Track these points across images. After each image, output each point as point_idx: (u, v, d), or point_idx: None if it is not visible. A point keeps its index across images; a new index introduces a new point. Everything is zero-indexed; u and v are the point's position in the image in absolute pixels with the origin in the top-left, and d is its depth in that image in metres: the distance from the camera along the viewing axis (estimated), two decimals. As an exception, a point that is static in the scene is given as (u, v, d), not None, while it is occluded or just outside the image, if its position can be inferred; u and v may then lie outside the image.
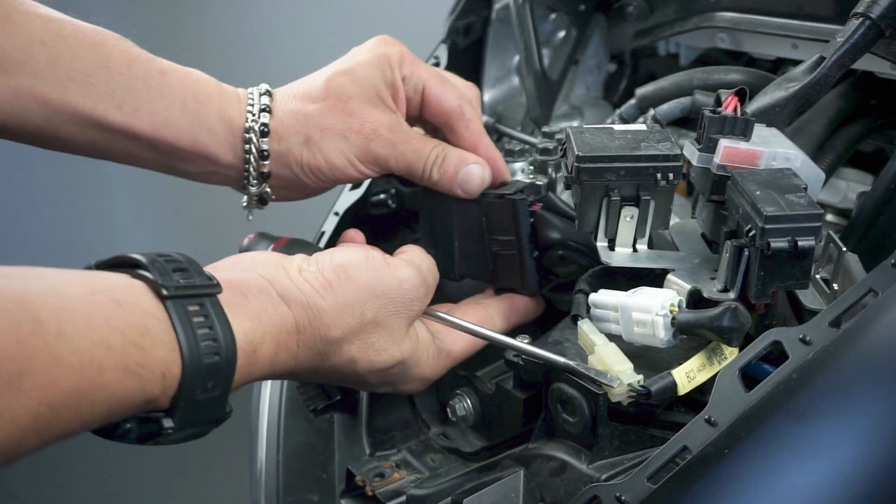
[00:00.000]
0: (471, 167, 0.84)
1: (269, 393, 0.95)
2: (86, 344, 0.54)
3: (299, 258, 0.73)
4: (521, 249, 0.82)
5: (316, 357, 0.70)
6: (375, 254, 0.75)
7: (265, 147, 0.83)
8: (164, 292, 0.59)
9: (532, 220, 0.82)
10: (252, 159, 0.83)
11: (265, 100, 0.83)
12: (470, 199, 0.84)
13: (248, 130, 0.82)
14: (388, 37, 0.87)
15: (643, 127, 0.78)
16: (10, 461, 0.51)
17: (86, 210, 2.90)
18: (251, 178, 0.84)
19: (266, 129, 0.83)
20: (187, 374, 0.58)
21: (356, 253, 0.74)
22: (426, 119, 0.88)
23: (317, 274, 0.72)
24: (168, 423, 0.59)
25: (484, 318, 0.81)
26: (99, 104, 0.78)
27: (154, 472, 2.47)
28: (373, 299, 0.73)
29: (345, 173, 0.84)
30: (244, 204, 0.87)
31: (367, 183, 1.02)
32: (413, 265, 0.76)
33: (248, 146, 0.83)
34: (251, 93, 0.85)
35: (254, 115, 0.83)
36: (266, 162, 0.83)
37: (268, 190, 0.85)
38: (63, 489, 2.42)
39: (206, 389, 0.59)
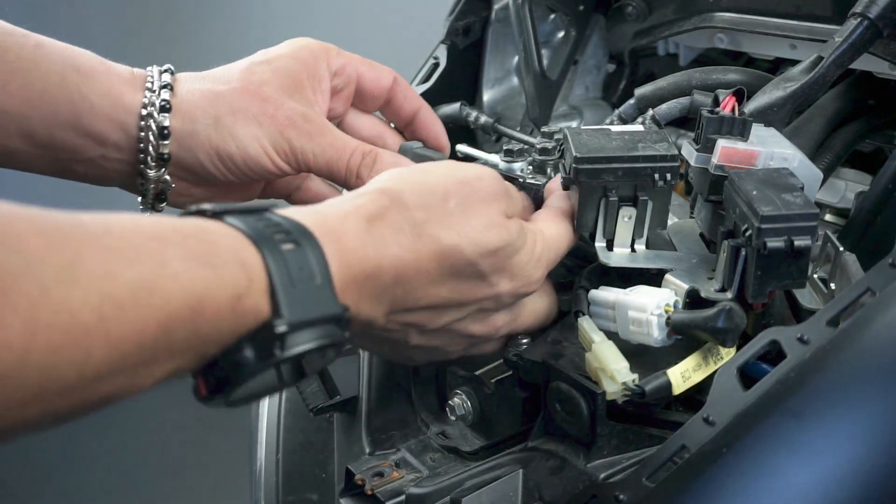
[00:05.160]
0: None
1: (268, 392, 0.95)
2: (140, 238, 0.48)
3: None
4: None
5: (407, 243, 0.61)
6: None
7: (165, 123, 0.75)
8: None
9: None
10: (151, 137, 0.74)
11: (166, 77, 0.76)
12: None
13: (145, 106, 0.74)
14: (311, 38, 0.82)
15: (640, 128, 0.78)
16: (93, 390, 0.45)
17: None
18: (149, 161, 0.75)
19: (167, 105, 0.75)
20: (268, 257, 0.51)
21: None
22: (360, 108, 0.85)
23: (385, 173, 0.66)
24: (281, 325, 0.50)
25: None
26: None
27: (154, 472, 2.47)
28: (455, 185, 0.65)
29: (259, 163, 0.77)
30: (139, 203, 0.78)
31: None
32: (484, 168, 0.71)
33: (144, 123, 0.74)
34: (150, 70, 0.77)
35: (153, 90, 0.75)
36: (166, 142, 0.75)
37: (167, 178, 0.76)
38: (63, 489, 2.42)
39: (300, 272, 0.52)
